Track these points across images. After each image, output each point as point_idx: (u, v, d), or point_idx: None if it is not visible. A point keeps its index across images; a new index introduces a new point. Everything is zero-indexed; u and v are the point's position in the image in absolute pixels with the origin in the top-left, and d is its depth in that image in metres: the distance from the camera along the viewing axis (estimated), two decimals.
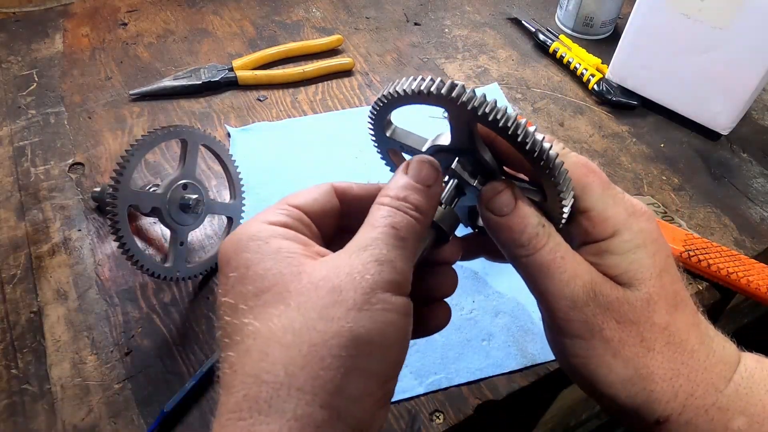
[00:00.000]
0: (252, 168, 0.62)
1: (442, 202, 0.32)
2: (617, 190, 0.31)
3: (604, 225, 0.30)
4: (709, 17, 0.62)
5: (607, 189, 0.31)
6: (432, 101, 0.29)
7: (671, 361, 0.29)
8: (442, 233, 0.32)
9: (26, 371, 0.47)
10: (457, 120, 0.30)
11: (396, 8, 0.87)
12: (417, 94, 0.30)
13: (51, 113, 0.68)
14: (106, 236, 0.56)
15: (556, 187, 0.29)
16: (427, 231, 0.30)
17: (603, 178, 0.31)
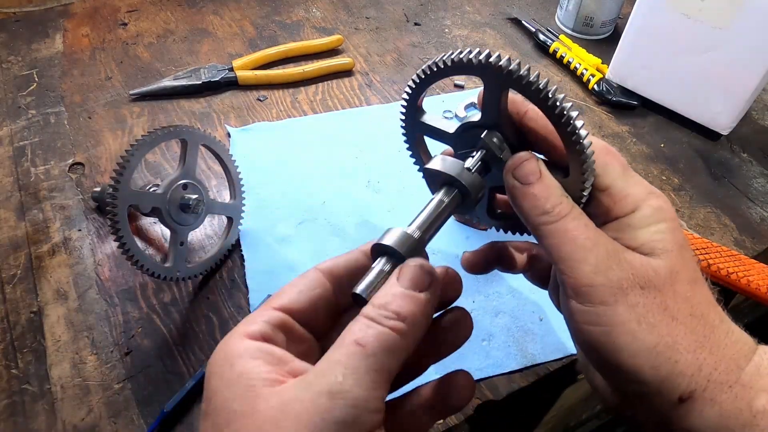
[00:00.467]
0: (252, 168, 0.62)
1: (471, 169, 0.32)
2: (635, 174, 0.32)
3: (624, 201, 0.31)
4: (709, 17, 0.62)
5: (626, 170, 0.32)
6: (467, 70, 0.31)
7: (694, 333, 0.29)
8: (468, 197, 0.32)
9: (26, 371, 0.47)
10: (491, 89, 0.31)
11: (396, 8, 0.87)
12: (452, 64, 0.32)
13: (51, 113, 0.68)
14: (106, 236, 0.56)
15: (581, 159, 0.30)
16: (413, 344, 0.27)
17: (622, 160, 0.32)
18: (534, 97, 0.30)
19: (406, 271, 0.28)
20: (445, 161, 0.33)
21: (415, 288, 0.27)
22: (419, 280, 0.28)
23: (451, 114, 0.70)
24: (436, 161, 0.33)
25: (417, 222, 0.31)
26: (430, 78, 0.34)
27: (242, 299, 0.52)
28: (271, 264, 0.54)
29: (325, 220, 0.58)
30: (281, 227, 0.57)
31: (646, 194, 0.31)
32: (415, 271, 0.28)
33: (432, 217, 0.31)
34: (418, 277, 0.28)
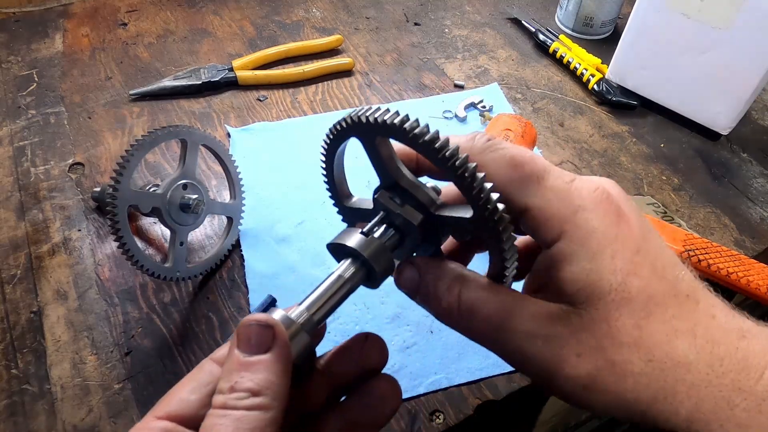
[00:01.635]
0: (252, 168, 0.62)
1: (374, 236, 0.29)
2: (560, 178, 0.26)
3: (547, 224, 0.25)
4: (709, 17, 0.62)
5: (542, 180, 0.26)
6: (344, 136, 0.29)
7: (659, 381, 0.24)
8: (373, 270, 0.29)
9: (26, 371, 0.47)
10: (365, 144, 0.29)
11: (396, 8, 0.87)
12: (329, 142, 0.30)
13: (51, 113, 0.68)
14: (106, 236, 0.56)
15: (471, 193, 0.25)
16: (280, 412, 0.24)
17: (536, 166, 0.26)
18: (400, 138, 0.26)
19: (241, 333, 0.25)
20: (349, 233, 0.30)
21: (256, 350, 0.24)
22: (258, 339, 0.24)
23: (451, 114, 0.70)
24: (342, 234, 0.30)
25: (307, 302, 0.28)
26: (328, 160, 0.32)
27: (242, 299, 0.52)
28: (271, 264, 0.54)
29: (325, 220, 0.58)
30: (281, 227, 0.57)
31: (573, 211, 0.25)
32: (249, 331, 0.25)
33: (326, 296, 0.28)
34: (256, 336, 0.24)
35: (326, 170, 0.34)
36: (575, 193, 0.25)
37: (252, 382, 0.23)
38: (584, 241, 0.25)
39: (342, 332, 0.50)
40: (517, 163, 0.26)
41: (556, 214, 0.25)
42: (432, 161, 0.25)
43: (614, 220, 0.25)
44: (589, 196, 0.25)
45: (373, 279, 0.29)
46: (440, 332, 0.50)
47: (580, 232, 0.25)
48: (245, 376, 0.23)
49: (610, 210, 0.25)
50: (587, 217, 0.25)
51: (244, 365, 0.24)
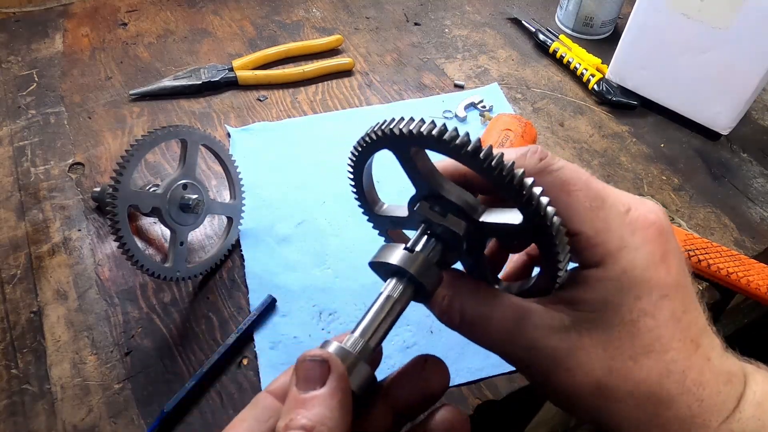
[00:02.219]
0: (252, 168, 0.62)
1: (418, 251, 0.28)
2: (615, 207, 0.27)
3: (591, 252, 0.26)
4: (709, 17, 0.62)
5: (596, 209, 0.26)
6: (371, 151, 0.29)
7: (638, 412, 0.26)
8: (422, 286, 0.28)
9: (26, 371, 0.47)
10: (401, 156, 0.28)
11: (396, 8, 0.87)
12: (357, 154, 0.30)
13: (51, 113, 0.68)
14: (106, 236, 0.56)
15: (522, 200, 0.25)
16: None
17: (590, 192, 0.26)
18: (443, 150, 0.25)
19: (298, 369, 0.25)
20: (386, 248, 0.29)
21: (311, 385, 0.24)
22: (313, 375, 0.24)
23: (451, 114, 0.70)
24: (379, 250, 0.29)
25: (360, 329, 0.27)
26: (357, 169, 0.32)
27: (242, 299, 0.52)
28: (271, 264, 0.54)
29: (325, 220, 0.58)
30: (281, 227, 0.57)
31: (617, 246, 0.26)
32: (304, 367, 0.24)
33: (379, 319, 0.27)
34: (311, 371, 0.24)
35: (355, 181, 0.33)
36: (627, 229, 0.26)
37: (306, 418, 0.23)
38: (617, 276, 0.26)
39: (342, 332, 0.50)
40: (571, 189, 0.26)
41: (603, 246, 0.26)
42: (476, 170, 0.25)
43: (657, 260, 0.26)
44: (640, 234, 0.26)
45: (423, 295, 0.29)
46: (440, 332, 0.50)
47: (617, 268, 0.26)
48: (300, 413, 0.23)
49: (657, 251, 0.26)
50: (631, 257, 0.26)
51: (300, 402, 0.24)
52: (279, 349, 0.49)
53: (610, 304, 0.26)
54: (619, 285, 0.26)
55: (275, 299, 0.51)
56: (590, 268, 0.26)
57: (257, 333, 0.50)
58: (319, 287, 0.53)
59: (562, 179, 0.26)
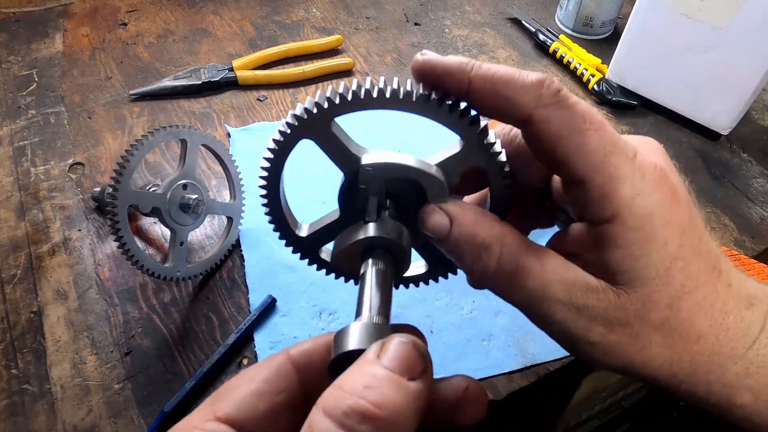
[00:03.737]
0: (252, 168, 0.61)
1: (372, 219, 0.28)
2: (626, 153, 0.25)
3: (602, 203, 0.24)
4: (709, 17, 0.62)
5: (610, 154, 0.24)
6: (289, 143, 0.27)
7: (670, 351, 0.26)
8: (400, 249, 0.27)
9: (26, 371, 0.47)
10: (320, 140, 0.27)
11: (396, 8, 0.87)
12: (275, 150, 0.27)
13: (51, 113, 0.68)
14: (106, 236, 0.56)
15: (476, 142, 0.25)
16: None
17: (607, 136, 0.24)
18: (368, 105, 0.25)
19: (393, 348, 0.21)
20: (345, 234, 0.28)
21: (403, 372, 0.20)
22: (410, 363, 0.20)
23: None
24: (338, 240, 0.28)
25: (366, 306, 0.25)
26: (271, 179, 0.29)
27: (242, 299, 0.52)
28: (271, 264, 0.54)
29: None
30: None
31: (631, 194, 0.24)
32: (404, 350, 0.21)
33: (380, 292, 0.25)
34: (409, 358, 0.20)
35: (269, 201, 0.30)
36: (638, 174, 0.24)
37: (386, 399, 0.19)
38: (639, 227, 0.24)
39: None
40: (585, 128, 0.24)
41: (616, 195, 0.24)
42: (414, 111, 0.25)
43: (669, 201, 0.25)
44: (649, 177, 0.25)
45: (400, 258, 0.28)
46: (440, 332, 0.50)
47: (635, 219, 0.24)
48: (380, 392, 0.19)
49: (667, 191, 0.25)
50: (646, 203, 0.24)
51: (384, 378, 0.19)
52: (279, 349, 0.49)
53: (639, 258, 0.24)
54: (643, 235, 0.24)
55: (275, 299, 0.51)
56: (605, 224, 0.24)
57: (257, 333, 0.50)
58: (319, 287, 0.53)
59: (577, 114, 0.24)
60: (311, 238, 0.32)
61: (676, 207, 0.25)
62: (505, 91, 0.24)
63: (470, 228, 0.26)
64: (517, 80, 0.24)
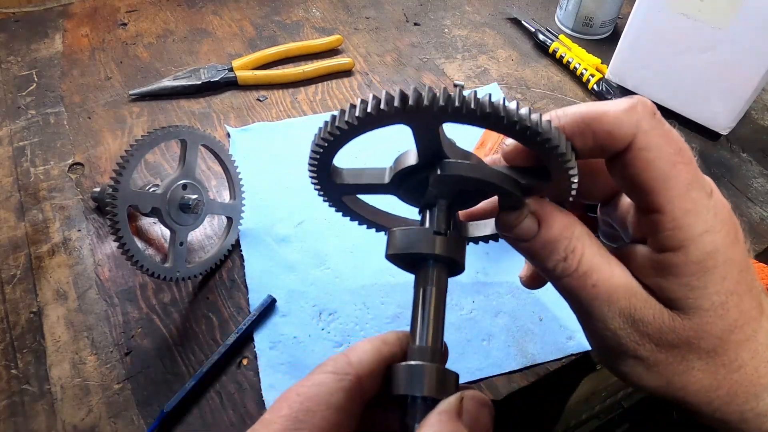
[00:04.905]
0: (252, 168, 0.62)
1: (442, 232, 0.27)
2: (705, 189, 0.25)
3: (672, 234, 0.25)
4: (709, 17, 0.62)
5: (692, 189, 0.24)
6: (385, 121, 0.25)
7: (712, 379, 0.27)
8: (457, 266, 0.28)
9: (26, 371, 0.47)
10: (424, 131, 0.25)
11: (396, 8, 0.87)
12: (366, 118, 0.25)
13: (51, 113, 0.68)
14: (106, 236, 0.56)
15: (560, 164, 0.24)
16: None
17: (692, 171, 0.25)
18: (481, 122, 0.24)
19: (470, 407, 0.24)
20: (408, 235, 0.27)
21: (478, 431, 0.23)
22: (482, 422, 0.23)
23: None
24: (397, 238, 0.27)
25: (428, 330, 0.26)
26: (332, 148, 0.27)
27: (242, 299, 0.52)
28: (271, 264, 0.54)
29: (324, 220, 0.58)
30: (281, 227, 0.57)
31: (702, 230, 0.24)
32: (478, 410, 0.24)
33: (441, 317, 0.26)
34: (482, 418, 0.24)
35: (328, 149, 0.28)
36: (711, 212, 0.25)
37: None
38: (701, 261, 0.25)
39: (342, 332, 0.50)
40: (679, 160, 0.24)
41: (688, 229, 0.24)
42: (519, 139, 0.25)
43: (732, 240, 0.26)
44: (719, 217, 0.25)
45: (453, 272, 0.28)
46: None
47: (699, 253, 0.25)
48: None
49: (732, 230, 0.26)
50: (713, 239, 0.25)
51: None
52: (279, 349, 0.49)
53: (695, 288, 0.25)
54: (703, 268, 0.25)
55: (275, 299, 0.51)
56: (668, 252, 0.25)
57: (257, 333, 0.50)
58: (319, 287, 0.53)
59: (673, 144, 0.24)
60: (348, 187, 0.31)
61: (737, 246, 0.26)
62: (599, 126, 0.24)
63: (559, 232, 0.26)
64: (611, 113, 0.24)
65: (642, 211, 0.26)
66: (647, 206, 0.25)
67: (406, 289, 0.33)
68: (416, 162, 0.27)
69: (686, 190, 0.24)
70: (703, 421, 0.28)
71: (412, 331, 0.27)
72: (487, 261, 0.55)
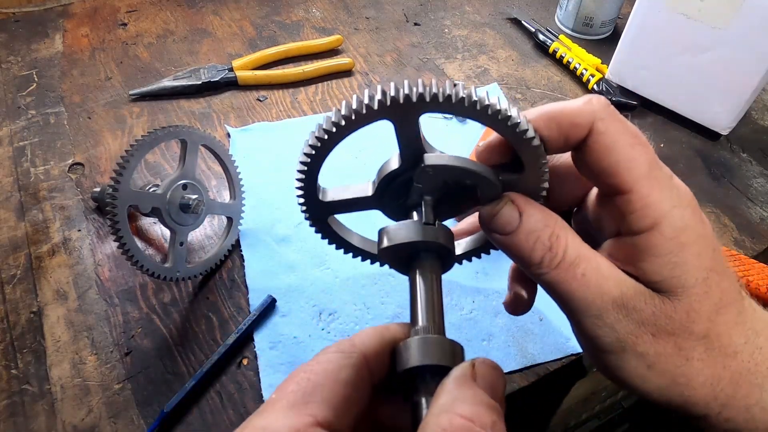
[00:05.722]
0: (252, 168, 0.62)
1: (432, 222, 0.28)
2: (665, 170, 0.26)
3: (643, 213, 0.25)
4: (708, 17, 0.62)
5: (653, 169, 0.26)
6: (369, 117, 0.25)
7: (711, 367, 0.26)
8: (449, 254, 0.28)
9: (26, 371, 0.47)
10: (405, 127, 0.26)
11: (396, 8, 0.87)
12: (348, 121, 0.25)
13: (51, 113, 0.68)
14: (106, 236, 0.56)
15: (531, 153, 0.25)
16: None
17: (651, 153, 0.26)
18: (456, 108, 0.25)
19: (483, 371, 0.23)
20: (399, 228, 0.27)
21: (493, 395, 0.22)
22: (496, 386, 0.23)
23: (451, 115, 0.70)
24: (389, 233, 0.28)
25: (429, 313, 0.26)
26: (326, 147, 0.27)
27: (242, 299, 0.52)
28: (271, 264, 0.54)
29: None
30: (281, 227, 0.57)
31: (670, 206, 0.25)
32: (492, 374, 0.23)
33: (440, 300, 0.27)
34: (495, 382, 0.23)
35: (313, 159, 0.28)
36: (674, 191, 0.26)
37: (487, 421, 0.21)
38: (675, 236, 0.25)
39: (341, 332, 0.50)
40: (635, 143, 0.26)
41: (657, 205, 0.25)
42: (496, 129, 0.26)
43: (700, 219, 0.26)
44: (684, 195, 0.26)
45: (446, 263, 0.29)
46: None
47: (672, 229, 0.25)
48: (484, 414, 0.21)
49: (697, 211, 0.26)
50: (682, 215, 0.25)
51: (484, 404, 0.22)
52: (279, 349, 0.49)
53: (677, 265, 0.25)
54: (679, 243, 0.25)
55: (275, 299, 0.51)
56: (643, 233, 0.26)
57: (257, 333, 0.50)
58: (319, 287, 0.53)
59: (628, 129, 0.26)
60: (332, 204, 0.31)
61: (705, 225, 0.27)
62: (562, 118, 0.26)
63: (540, 220, 0.27)
64: (570, 106, 0.26)
65: (611, 196, 0.26)
66: (614, 189, 0.26)
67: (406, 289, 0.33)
68: (399, 165, 0.28)
69: (648, 169, 0.25)
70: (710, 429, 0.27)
71: (413, 316, 0.27)
72: (487, 261, 0.55)
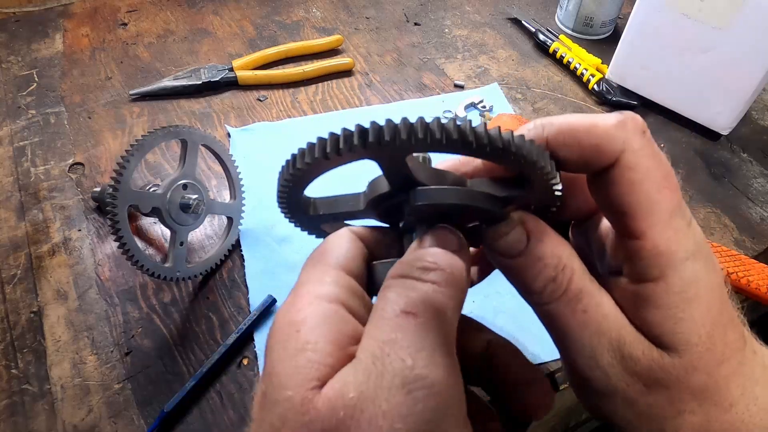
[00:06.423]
0: (252, 168, 0.62)
1: None
2: (686, 216, 0.24)
3: (653, 262, 0.23)
4: (709, 17, 0.62)
5: (674, 216, 0.23)
6: (345, 159, 0.23)
7: (703, 420, 0.25)
8: None
9: (26, 371, 0.47)
10: (392, 163, 0.24)
11: (396, 8, 0.87)
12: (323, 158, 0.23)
13: (51, 113, 0.68)
14: (106, 236, 0.56)
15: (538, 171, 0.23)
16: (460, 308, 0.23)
17: (677, 198, 0.23)
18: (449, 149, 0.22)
19: (433, 233, 0.24)
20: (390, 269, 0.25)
21: (445, 246, 0.23)
22: (448, 240, 0.24)
23: (451, 114, 0.70)
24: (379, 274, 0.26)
25: None
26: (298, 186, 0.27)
27: (242, 299, 0.52)
28: (271, 264, 0.54)
29: None
30: (281, 227, 0.57)
31: (683, 258, 0.23)
32: (442, 232, 0.24)
33: None
34: (446, 237, 0.24)
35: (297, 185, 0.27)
36: (691, 241, 0.24)
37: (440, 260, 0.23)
38: (682, 290, 0.23)
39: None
40: (665, 185, 0.23)
41: (669, 256, 0.23)
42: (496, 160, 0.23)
43: (712, 268, 0.24)
44: (699, 246, 0.24)
45: None
46: None
47: (681, 282, 0.23)
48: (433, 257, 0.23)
49: (710, 261, 0.24)
50: (694, 267, 0.23)
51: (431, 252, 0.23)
52: None
53: (681, 320, 0.23)
54: (686, 298, 0.23)
55: (275, 299, 0.51)
56: (648, 283, 0.24)
57: (257, 333, 0.50)
58: None
59: (661, 168, 0.23)
60: (323, 217, 0.31)
61: (717, 275, 0.25)
62: (586, 139, 0.23)
63: (550, 247, 0.24)
64: (600, 125, 0.23)
65: (619, 235, 0.24)
66: (626, 230, 0.23)
67: None
68: (388, 189, 0.26)
69: (669, 217, 0.23)
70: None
71: None
72: None
